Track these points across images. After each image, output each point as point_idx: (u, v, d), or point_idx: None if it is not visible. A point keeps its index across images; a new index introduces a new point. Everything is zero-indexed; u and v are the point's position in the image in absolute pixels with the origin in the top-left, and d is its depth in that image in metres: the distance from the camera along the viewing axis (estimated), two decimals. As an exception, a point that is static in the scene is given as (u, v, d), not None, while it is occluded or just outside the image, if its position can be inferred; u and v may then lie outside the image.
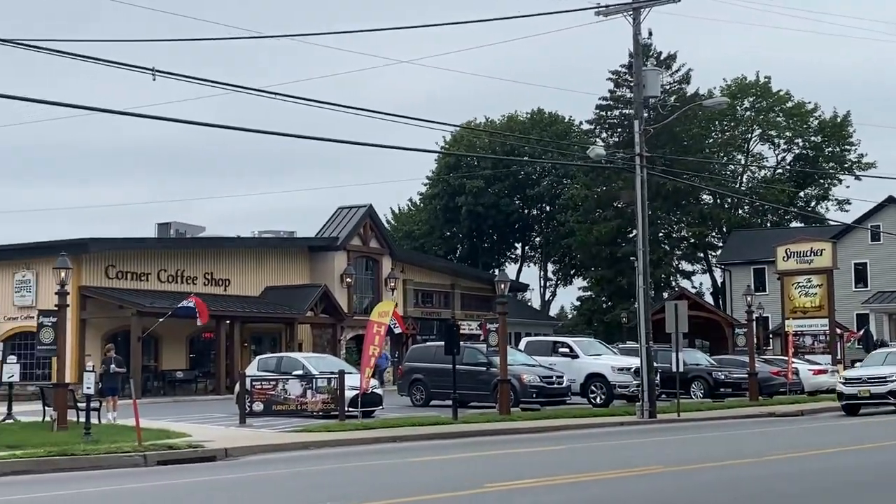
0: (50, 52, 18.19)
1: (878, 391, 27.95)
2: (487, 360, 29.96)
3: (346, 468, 15.87)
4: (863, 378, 28.48)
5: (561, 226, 73.11)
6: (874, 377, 28.27)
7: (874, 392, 27.97)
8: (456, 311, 58.60)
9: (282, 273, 49.16)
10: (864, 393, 28.13)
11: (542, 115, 75.32)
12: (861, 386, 28.32)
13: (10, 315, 40.83)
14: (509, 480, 13.07)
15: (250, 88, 21.52)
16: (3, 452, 17.48)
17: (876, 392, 27.94)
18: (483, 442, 21.11)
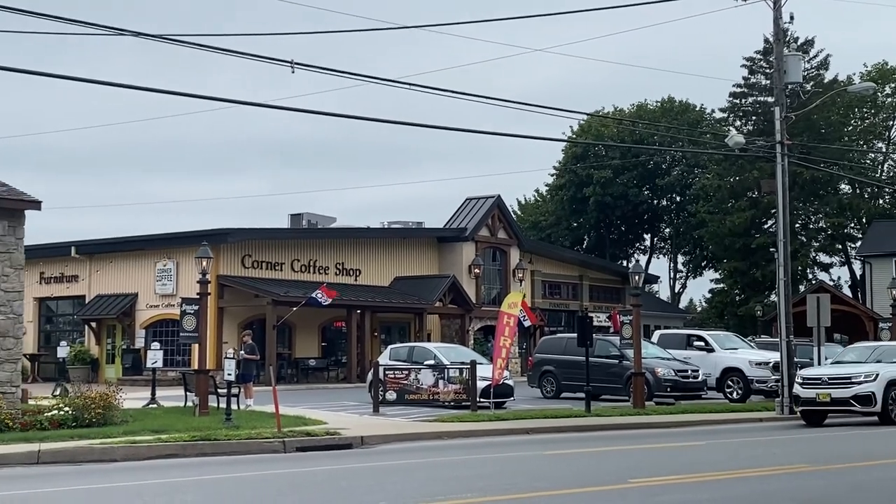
0: (194, 46, 18.61)
1: (840, 395, 22.68)
2: (620, 353, 29.55)
3: (482, 459, 15.79)
4: (823, 378, 23.04)
5: (692, 216, 71.62)
6: (837, 377, 22.99)
7: (836, 396, 22.70)
8: (584, 303, 58.07)
9: (410, 263, 49.52)
10: (822, 397, 22.75)
11: (673, 103, 73.92)
12: (820, 388, 22.89)
13: (151, 303, 42.23)
14: (652, 476, 12.77)
15: (385, 79, 21.64)
16: (149, 436, 18.02)
17: (838, 396, 22.70)
18: (618, 436, 20.79)
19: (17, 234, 20.44)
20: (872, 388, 22.52)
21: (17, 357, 20.55)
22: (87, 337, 44.23)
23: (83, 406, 19.44)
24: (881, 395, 22.49)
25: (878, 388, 22.55)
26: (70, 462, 16.12)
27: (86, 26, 15.27)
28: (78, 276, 44.43)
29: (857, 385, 22.69)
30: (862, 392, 22.55)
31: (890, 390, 22.68)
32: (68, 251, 43.90)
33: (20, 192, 20.74)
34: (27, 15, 15.82)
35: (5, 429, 18.16)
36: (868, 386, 22.60)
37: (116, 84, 18.40)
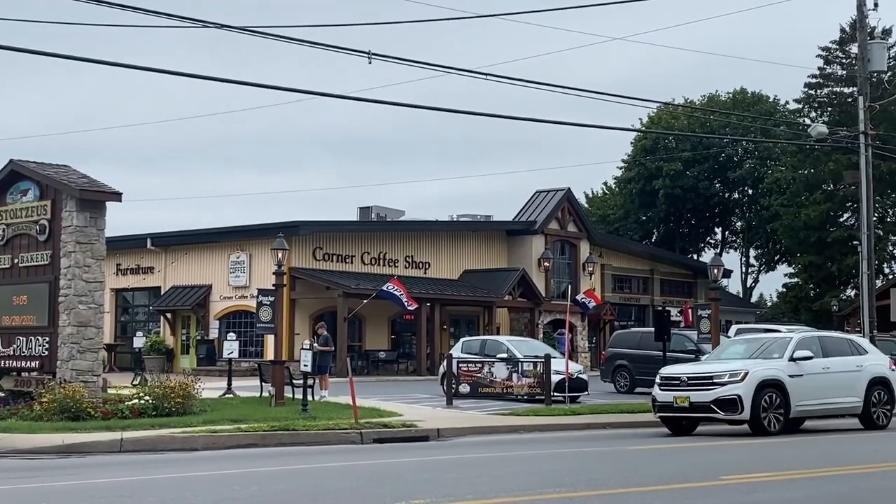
0: (271, 37, 18.65)
1: (699, 399, 18.58)
2: (697, 348, 29.07)
3: (563, 454, 15.60)
4: (682, 378, 19.20)
5: (764, 210, 70.36)
6: (697, 377, 19.07)
7: (695, 401, 18.64)
8: (655, 297, 57.47)
9: (479, 256, 49.39)
10: (680, 401, 18.78)
11: (745, 94, 72.64)
12: (678, 390, 18.97)
13: (225, 294, 42.67)
14: (742, 473, 12.47)
15: (460, 69, 21.50)
16: (229, 426, 18.15)
17: (698, 401, 18.61)
18: (698, 432, 20.40)
19: (99, 226, 20.70)
20: (738, 391, 18.34)
21: (99, 347, 20.84)
22: (162, 327, 44.88)
23: (163, 395, 19.66)
24: (749, 399, 18.32)
25: (747, 391, 18.36)
26: (152, 450, 16.29)
27: (170, 18, 15.36)
28: (153, 268, 45.08)
29: (721, 387, 18.51)
30: (725, 395, 18.40)
31: (762, 393, 18.49)
32: (144, 243, 44.56)
33: (101, 184, 21.00)
34: (108, 6, 15.97)
35: (87, 417, 18.42)
36: (733, 388, 18.43)
37: (198, 76, 18.51)
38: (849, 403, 20.26)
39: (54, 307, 20.33)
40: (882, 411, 20.55)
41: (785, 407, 18.91)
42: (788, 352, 19.57)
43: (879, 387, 20.53)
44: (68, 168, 21.60)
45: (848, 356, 20.53)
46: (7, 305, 21.34)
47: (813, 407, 19.72)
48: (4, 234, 21.51)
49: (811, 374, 19.49)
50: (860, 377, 20.30)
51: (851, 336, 22.84)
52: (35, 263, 20.91)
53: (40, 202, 20.94)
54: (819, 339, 20.69)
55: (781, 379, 19.01)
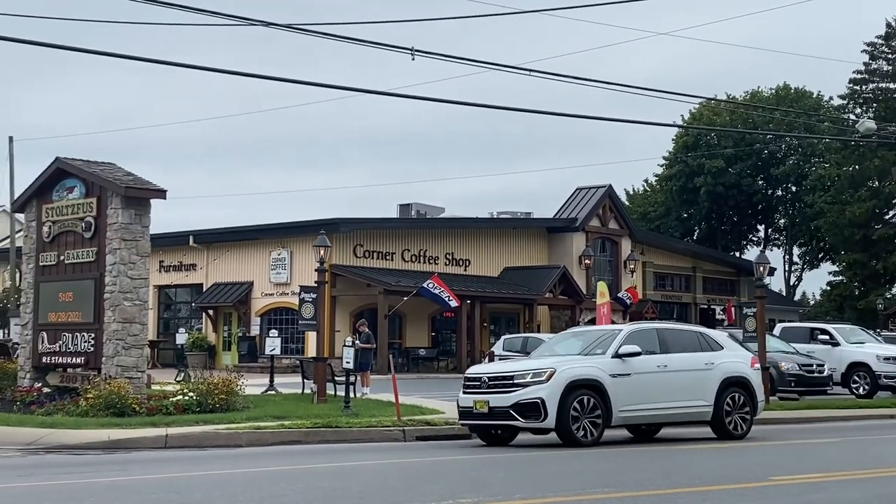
0: (315, 34, 18.63)
1: (499, 403, 15.97)
2: (742, 346, 28.72)
3: (609, 453, 15.45)
4: (483, 379, 16.54)
5: (808, 207, 69.58)
6: (498, 377, 16.45)
7: (495, 405, 16.03)
8: (697, 295, 57.00)
9: (520, 254, 49.23)
10: (480, 406, 16.20)
11: (788, 90, 71.84)
12: (479, 392, 16.37)
13: (266, 291, 42.86)
14: (793, 474, 12.27)
15: (503, 65, 21.38)
16: (272, 423, 18.16)
17: (497, 405, 15.99)
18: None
19: (143, 223, 20.80)
20: (541, 394, 15.68)
21: (143, 343, 20.95)
22: (204, 324, 45.16)
23: (206, 392, 19.72)
24: (555, 403, 15.61)
25: (552, 393, 15.66)
26: (196, 447, 16.33)
27: (215, 16, 15.39)
28: (196, 265, 45.38)
29: (522, 388, 15.87)
30: (526, 399, 15.73)
31: (572, 396, 15.74)
32: (186, 240, 44.87)
33: (146, 181, 21.11)
34: (153, 4, 16.03)
35: (132, 413, 18.52)
36: (536, 389, 15.76)
37: (241, 73, 18.55)
38: (694, 408, 17.18)
39: (100, 304, 20.47)
40: (738, 417, 17.47)
41: (605, 412, 15.99)
42: (613, 347, 16.57)
43: (735, 388, 17.48)
44: (113, 165, 21.74)
45: (695, 352, 17.47)
46: (53, 302, 21.53)
47: (644, 412, 16.74)
48: (51, 231, 21.70)
49: (642, 373, 16.55)
50: (710, 377, 17.27)
51: (703, 329, 19.35)
52: (81, 260, 21.07)
53: (86, 199, 21.09)
54: (658, 333, 17.61)
55: (599, 379, 16.05)
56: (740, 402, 17.54)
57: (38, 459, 14.95)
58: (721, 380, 17.35)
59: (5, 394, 21.18)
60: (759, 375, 18.49)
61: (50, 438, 16.71)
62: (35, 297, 21.94)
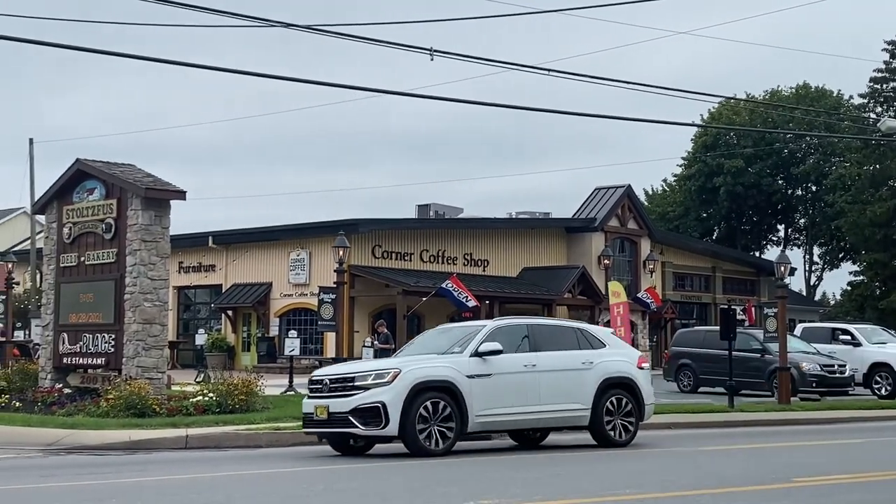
0: (335, 35, 18.62)
1: (339, 409, 14.47)
2: (762, 347, 28.63)
3: (631, 454, 15.35)
4: (325, 381, 15.10)
5: (829, 206, 69.14)
6: (340, 379, 14.96)
7: (335, 410, 14.54)
8: (717, 295, 56.74)
9: (538, 254, 49.12)
10: (320, 412, 14.72)
11: (808, 89, 71.41)
12: (320, 396, 14.96)
13: (285, 292, 42.92)
14: (817, 475, 12.15)
15: (522, 65, 21.33)
16: (292, 423, 18.11)
17: (337, 411, 14.48)
18: (766, 433, 20.04)
19: (163, 224, 20.84)
20: (382, 397, 14.19)
21: (163, 344, 20.98)
22: (223, 325, 45.27)
23: (226, 392, 19.74)
24: (399, 408, 14.13)
25: (395, 396, 14.17)
26: (216, 447, 16.34)
27: (236, 18, 15.41)
28: (215, 266, 45.50)
29: (363, 391, 14.37)
30: (366, 403, 14.24)
31: (419, 399, 14.28)
32: (206, 241, 44.98)
33: (165, 183, 21.14)
34: (174, 6, 16.06)
35: (153, 413, 18.55)
36: (377, 393, 14.27)
37: (259, 74, 18.56)
38: (567, 412, 15.65)
39: (120, 305, 20.51)
40: (621, 422, 15.91)
41: (459, 418, 14.50)
42: (473, 345, 15.07)
43: (618, 390, 15.96)
44: (133, 167, 21.79)
45: (572, 350, 15.97)
46: (74, 303, 21.60)
47: (508, 417, 15.20)
48: (71, 232, 21.77)
49: (506, 373, 15.05)
50: (587, 377, 15.73)
51: (585, 325, 17.59)
52: (101, 261, 21.12)
53: (106, 201, 21.15)
54: (529, 329, 15.99)
55: (453, 380, 14.53)
56: (623, 405, 15.94)
57: (60, 460, 15.00)
58: (600, 381, 15.79)
59: (26, 394, 21.27)
60: (648, 376, 16.79)
61: (71, 439, 16.76)
62: (56, 298, 22.02)
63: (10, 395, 21.27)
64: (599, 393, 15.74)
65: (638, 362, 16.61)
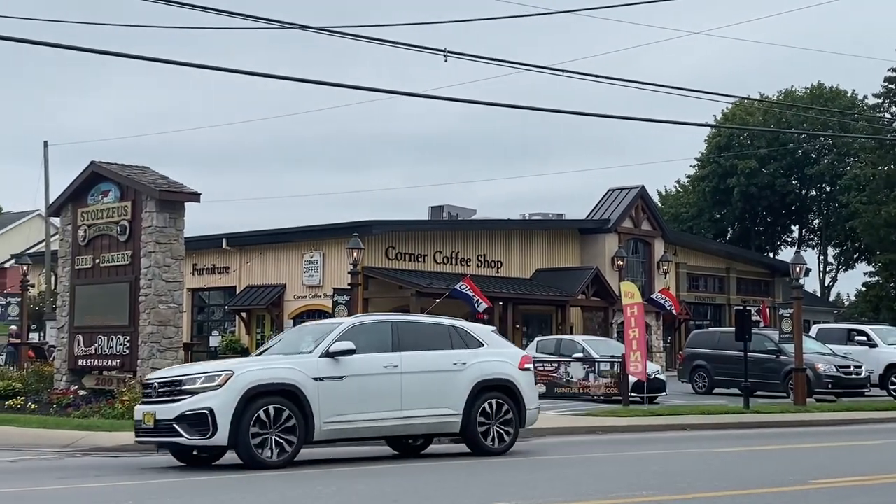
0: (348, 36, 18.61)
1: (165, 416, 13.29)
2: (777, 348, 28.51)
3: (648, 456, 15.31)
4: (154, 385, 13.84)
5: (843, 207, 68.85)
6: (168, 383, 13.62)
7: (161, 418, 13.33)
8: (731, 296, 56.55)
9: (552, 255, 49.03)
10: (148, 419, 13.53)
11: (822, 89, 71.13)
12: (150, 402, 13.77)
13: (298, 294, 42.93)
14: (834, 477, 12.09)
15: (536, 66, 21.26)
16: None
17: (163, 419, 13.30)
18: (782, 434, 19.96)
19: (178, 226, 20.87)
20: (211, 403, 12.98)
21: (178, 346, 21.02)
22: (237, 327, 45.31)
23: (241, 394, 19.72)
24: (229, 415, 12.93)
25: (224, 402, 12.96)
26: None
27: (250, 20, 15.41)
28: (229, 268, 45.55)
29: (190, 396, 13.15)
30: (193, 409, 13.02)
31: (255, 405, 13.05)
32: (219, 243, 45.03)
33: (180, 185, 21.18)
34: (187, 8, 16.08)
35: (168, 415, 18.56)
36: (205, 398, 13.04)
37: (271, 76, 18.55)
38: (434, 418, 14.35)
39: (135, 307, 20.56)
40: (498, 428, 14.65)
41: (303, 425, 13.21)
42: (324, 344, 13.82)
43: (495, 393, 14.72)
44: (147, 169, 21.84)
45: (444, 350, 14.70)
46: (89, 305, 21.65)
47: (363, 424, 13.84)
48: (86, 234, 21.83)
49: (362, 375, 13.81)
50: (459, 380, 14.48)
51: (461, 322, 16.00)
52: (116, 263, 21.17)
53: (121, 203, 21.21)
54: (394, 327, 14.63)
55: (296, 384, 13.23)
56: (501, 409, 14.68)
57: (76, 462, 15.03)
58: (474, 383, 14.53)
59: (42, 396, 21.34)
60: (531, 377, 15.47)
61: (86, 441, 16.80)
62: (71, 300, 22.08)
63: (26, 397, 21.35)
64: (473, 396, 14.50)
65: (521, 363, 15.28)
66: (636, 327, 24.03)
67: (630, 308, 24.37)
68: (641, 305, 24.78)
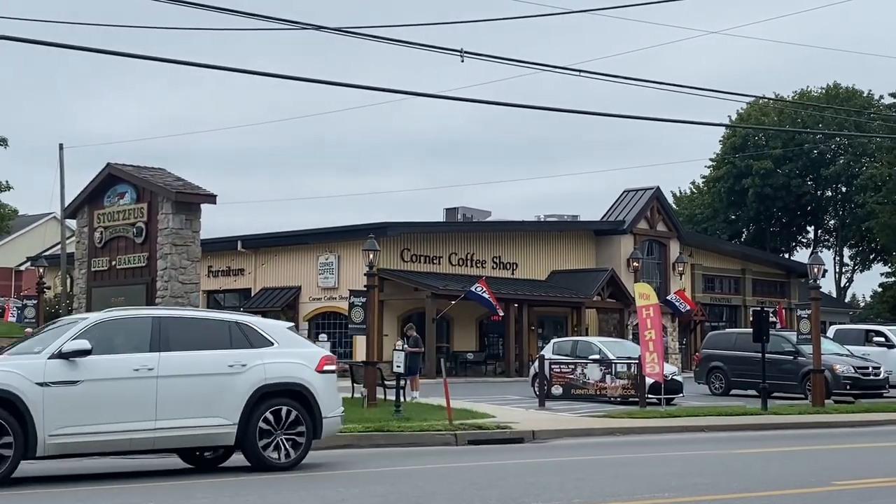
0: (365, 37, 18.60)
1: None
2: (795, 349, 28.36)
3: (666, 457, 15.22)
4: None
5: (859, 207, 68.55)
6: None
7: None
8: (747, 297, 56.36)
9: (567, 257, 48.98)
10: None
11: (838, 89, 70.83)
12: None
13: (313, 296, 43.02)
14: (857, 479, 11.98)
15: (552, 66, 21.21)
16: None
17: None
18: (801, 435, 19.81)
19: (194, 228, 20.91)
20: None
21: (194, 347, 21.00)
22: (252, 329, 45.40)
23: (258, 396, 19.70)
24: None
25: None
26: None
27: (267, 20, 15.40)
28: (244, 270, 45.67)
29: None
30: None
31: None
32: (235, 246, 45.15)
33: (196, 187, 21.22)
34: (204, 9, 16.08)
35: (185, 417, 18.55)
36: None
37: (287, 77, 18.55)
38: (202, 429, 12.43)
39: (151, 308, 20.58)
40: (284, 440, 12.78)
41: (22, 439, 11.44)
42: (57, 343, 12.00)
43: (282, 399, 12.82)
44: (163, 171, 21.89)
45: (220, 349, 12.76)
46: (105, 307, 21.66)
47: (105, 437, 12.00)
48: (102, 236, 21.88)
49: (105, 379, 11.97)
50: (236, 384, 12.56)
51: (247, 318, 13.81)
52: (132, 265, 21.22)
53: (137, 205, 21.25)
54: (155, 323, 12.64)
55: (13, 390, 11.43)
56: (288, 418, 12.79)
57: (92, 464, 15.02)
58: (255, 388, 12.62)
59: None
60: (331, 381, 13.45)
61: (102, 442, 16.68)
62: (87, 302, 22.13)
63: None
64: (253, 403, 12.58)
65: (319, 364, 13.23)
66: (652, 328, 23.89)
67: (645, 309, 24.25)
68: (658, 307, 24.66)
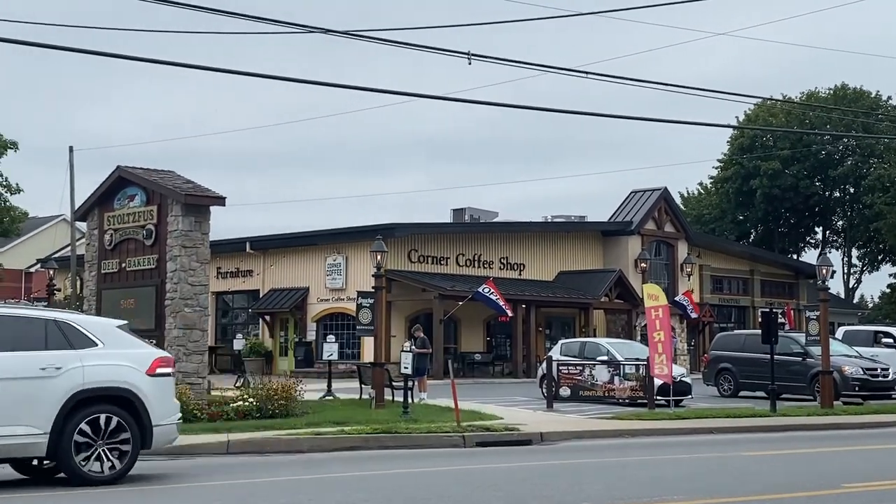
0: (372, 40, 18.63)
1: None
2: (803, 350, 28.33)
3: (675, 460, 15.22)
4: None
5: (867, 208, 68.38)
6: None
7: None
8: (755, 298, 56.26)
9: (575, 258, 48.94)
10: None
11: (846, 90, 70.65)
12: None
13: (322, 297, 43.04)
14: (867, 481, 11.99)
15: (559, 68, 21.21)
16: (332, 428, 18.17)
17: None
18: (810, 437, 19.80)
19: (203, 230, 20.93)
20: None
21: (204, 349, 21.06)
22: (261, 330, 45.48)
23: (266, 397, 19.78)
24: None
25: None
26: (258, 452, 16.33)
27: (274, 24, 15.45)
28: (252, 271, 45.73)
29: None
30: None
31: None
32: (243, 247, 45.22)
33: (205, 189, 21.25)
34: (209, 12, 16.13)
35: (194, 419, 18.56)
36: None
37: (295, 80, 18.61)
38: (4, 439, 11.23)
39: (161, 310, 20.63)
40: (106, 451, 11.68)
41: None
42: None
43: (103, 406, 11.72)
44: (173, 173, 21.93)
45: (33, 350, 11.64)
46: (115, 309, 21.70)
47: None
48: (112, 239, 21.94)
49: None
50: (49, 389, 11.40)
51: (71, 316, 12.66)
52: (142, 267, 21.26)
53: (147, 207, 21.30)
54: None
55: None
56: (109, 426, 11.70)
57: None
58: (70, 393, 11.47)
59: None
60: (165, 385, 12.45)
61: None
62: (97, 304, 22.17)
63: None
64: (68, 411, 11.44)
65: (151, 367, 12.20)
66: (661, 329, 23.89)
67: (655, 311, 24.23)
68: (667, 308, 24.66)
